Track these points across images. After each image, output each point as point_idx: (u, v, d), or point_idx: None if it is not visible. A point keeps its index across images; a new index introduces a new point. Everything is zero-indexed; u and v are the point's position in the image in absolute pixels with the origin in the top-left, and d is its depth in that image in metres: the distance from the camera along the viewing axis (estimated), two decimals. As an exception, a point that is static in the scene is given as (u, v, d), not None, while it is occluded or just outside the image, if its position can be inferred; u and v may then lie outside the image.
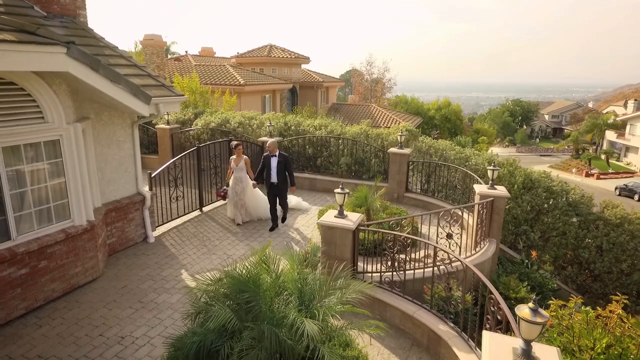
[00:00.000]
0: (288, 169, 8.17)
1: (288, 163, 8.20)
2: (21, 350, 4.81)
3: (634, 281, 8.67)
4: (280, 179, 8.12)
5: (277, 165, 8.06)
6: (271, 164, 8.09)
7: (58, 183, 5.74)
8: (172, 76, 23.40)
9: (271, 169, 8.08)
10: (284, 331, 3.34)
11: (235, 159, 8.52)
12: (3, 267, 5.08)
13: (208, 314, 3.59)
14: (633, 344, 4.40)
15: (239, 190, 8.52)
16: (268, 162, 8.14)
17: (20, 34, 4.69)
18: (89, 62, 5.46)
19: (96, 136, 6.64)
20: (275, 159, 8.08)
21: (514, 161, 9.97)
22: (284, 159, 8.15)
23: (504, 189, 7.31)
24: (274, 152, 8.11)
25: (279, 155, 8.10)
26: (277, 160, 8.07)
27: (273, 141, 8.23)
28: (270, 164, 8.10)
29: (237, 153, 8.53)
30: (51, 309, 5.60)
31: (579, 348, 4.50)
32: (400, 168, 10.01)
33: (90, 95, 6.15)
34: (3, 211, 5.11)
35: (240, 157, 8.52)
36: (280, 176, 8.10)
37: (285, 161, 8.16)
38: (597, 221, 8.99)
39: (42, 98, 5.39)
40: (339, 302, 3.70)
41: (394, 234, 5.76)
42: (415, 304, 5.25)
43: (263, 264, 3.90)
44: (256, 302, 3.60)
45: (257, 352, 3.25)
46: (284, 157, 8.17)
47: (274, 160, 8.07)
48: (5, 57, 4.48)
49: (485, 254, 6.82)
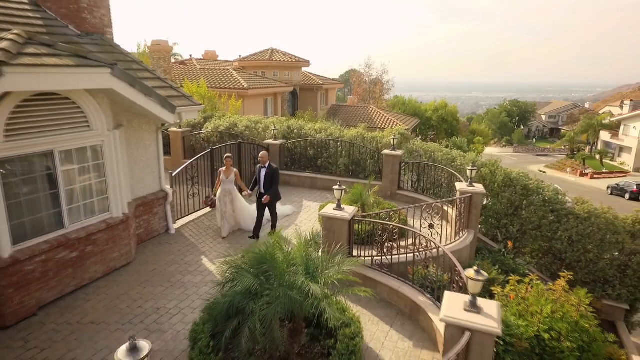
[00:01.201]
0: (273, 179, 8.37)
1: (275, 175, 8.38)
2: (76, 318, 5.88)
3: (600, 268, 9.70)
4: (268, 190, 8.35)
5: (265, 176, 8.32)
6: (261, 174, 8.38)
7: (100, 181, 6.80)
8: (177, 79, 24.45)
9: (260, 179, 8.38)
10: (294, 292, 4.40)
11: (225, 170, 8.61)
12: (59, 250, 6.14)
13: (235, 281, 4.66)
14: (573, 309, 5.47)
15: (227, 202, 8.64)
16: (259, 172, 8.44)
17: (76, 59, 5.75)
18: (128, 80, 6.52)
19: (128, 141, 7.69)
20: (264, 170, 8.36)
21: (495, 162, 11.02)
22: (272, 171, 8.35)
23: (481, 187, 8.39)
24: (264, 164, 8.39)
25: (267, 167, 8.35)
26: (266, 171, 8.33)
27: (264, 153, 8.58)
28: (260, 174, 8.40)
29: (227, 165, 8.64)
30: (95, 287, 6.67)
31: (531, 314, 5.57)
32: (393, 168, 11.07)
33: (125, 106, 7.19)
34: (59, 204, 6.17)
35: (230, 170, 8.64)
36: (267, 187, 8.34)
37: (272, 173, 8.36)
38: (569, 215, 10.03)
39: (88, 110, 6.45)
40: (337, 273, 4.75)
41: (383, 223, 6.83)
42: (400, 281, 6.32)
43: (277, 244, 4.96)
44: (272, 271, 4.66)
45: (274, 308, 4.31)
46: (272, 168, 8.37)
47: (264, 171, 8.34)
48: (66, 79, 5.57)
49: (464, 242, 7.89)
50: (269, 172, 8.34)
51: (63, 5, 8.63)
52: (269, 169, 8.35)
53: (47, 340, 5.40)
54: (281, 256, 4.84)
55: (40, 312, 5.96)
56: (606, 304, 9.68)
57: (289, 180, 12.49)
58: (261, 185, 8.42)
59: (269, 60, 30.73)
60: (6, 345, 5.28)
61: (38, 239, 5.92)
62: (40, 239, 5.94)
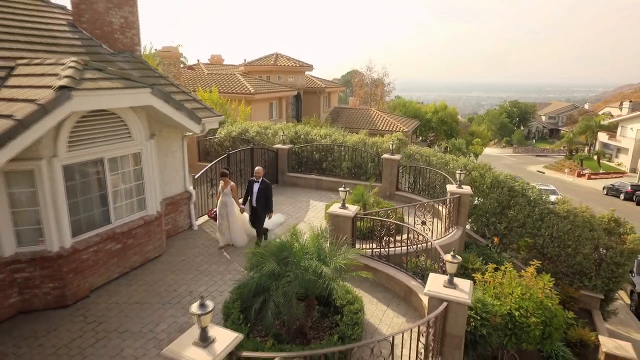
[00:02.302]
0: (267, 194, 8.57)
1: (268, 190, 8.59)
2: (123, 299, 7.00)
3: (577, 262, 10.78)
4: (260, 204, 8.58)
5: (259, 190, 8.54)
6: (253, 189, 8.62)
7: (138, 184, 7.92)
8: (187, 84, 25.55)
9: (253, 193, 8.61)
10: (309, 273, 5.50)
11: (223, 184, 8.92)
12: (107, 242, 7.26)
13: (261, 266, 5.76)
14: (539, 291, 6.56)
15: (223, 214, 8.85)
16: (251, 187, 8.67)
17: (124, 81, 6.87)
18: (164, 97, 7.64)
19: (159, 148, 8.78)
20: (257, 185, 8.59)
21: (484, 165, 12.10)
22: (265, 186, 8.57)
23: (468, 188, 9.48)
24: (258, 178, 8.64)
25: (261, 182, 8.59)
26: (259, 186, 8.57)
27: (259, 168, 8.85)
28: (252, 188, 8.64)
29: (224, 180, 8.89)
30: (134, 274, 7.79)
31: (505, 295, 6.67)
32: (391, 171, 12.17)
33: (158, 119, 8.29)
34: (107, 203, 7.29)
35: (227, 184, 8.87)
36: (260, 201, 8.56)
37: (266, 188, 8.57)
38: (550, 214, 11.12)
39: (130, 123, 7.56)
40: (343, 259, 5.85)
41: (382, 220, 7.93)
42: (396, 269, 7.42)
43: (294, 236, 6.06)
44: (290, 258, 5.76)
45: (293, 285, 5.40)
46: (265, 183, 8.60)
47: (256, 186, 8.58)
48: (117, 99, 6.70)
49: (453, 237, 8.98)
50: (263, 187, 8.55)
51: (98, 26, 9.76)
52: (262, 184, 8.58)
53: (102, 316, 6.52)
54: (297, 245, 5.95)
55: (92, 294, 7.08)
56: (583, 293, 10.78)
57: (296, 182, 13.60)
58: (254, 199, 8.58)
59: (274, 65, 31.84)
60: (69, 319, 6.40)
61: (91, 232, 7.05)
62: (92, 233, 7.06)
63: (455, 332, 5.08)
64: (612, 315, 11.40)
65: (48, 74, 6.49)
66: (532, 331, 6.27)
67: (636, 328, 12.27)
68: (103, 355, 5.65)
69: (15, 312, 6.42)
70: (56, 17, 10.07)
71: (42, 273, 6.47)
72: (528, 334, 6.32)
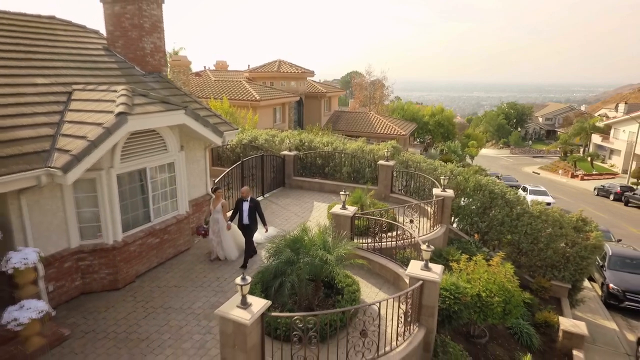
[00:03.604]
0: (258, 211, 9.13)
1: (257, 207, 9.14)
2: (163, 283, 8.53)
3: (548, 256, 12.25)
4: (251, 221, 9.06)
5: (249, 209, 9.04)
6: (243, 207, 9.06)
7: (172, 188, 9.44)
8: (195, 91, 27.05)
9: (243, 211, 9.04)
10: (316, 260, 7.02)
11: (214, 201, 9.40)
12: (148, 237, 8.79)
13: (278, 254, 7.28)
14: (502, 276, 8.08)
15: (216, 230, 9.31)
16: (240, 205, 9.10)
17: (163, 104, 8.39)
18: (194, 116, 9.16)
19: (186, 157, 10.30)
20: (247, 203, 9.05)
21: (468, 170, 13.60)
22: (255, 204, 9.11)
23: (451, 192, 11.01)
24: (246, 197, 9.12)
25: (250, 200, 9.09)
26: (249, 204, 9.06)
27: (246, 188, 9.47)
28: (242, 207, 9.07)
29: (216, 196, 9.41)
30: (169, 264, 9.32)
31: (474, 280, 8.19)
32: (386, 175, 13.68)
33: (188, 133, 9.79)
34: (148, 205, 8.82)
35: (218, 201, 9.35)
36: (250, 218, 9.03)
37: (255, 205, 9.11)
38: (525, 214, 12.62)
39: (166, 138, 9.08)
40: (343, 250, 7.36)
41: (376, 219, 9.45)
42: (387, 259, 8.94)
43: (304, 232, 7.58)
44: (302, 248, 7.28)
45: (304, 270, 6.92)
46: (254, 201, 9.16)
47: (246, 204, 9.04)
48: (159, 119, 8.23)
49: (437, 234, 10.51)
50: (252, 205, 9.09)
51: (131, 51, 11.28)
52: (251, 202, 9.12)
53: (148, 296, 8.05)
54: (307, 239, 7.49)
55: (137, 279, 8.61)
56: (554, 284, 12.29)
57: (301, 185, 15.13)
58: (245, 216, 9.03)
59: (277, 72, 33.37)
60: (122, 299, 7.93)
61: (136, 229, 8.57)
62: (137, 229, 8.59)
63: (429, 303, 6.62)
64: (579, 303, 12.88)
65: (104, 100, 8.01)
66: (495, 308, 7.80)
67: (603, 316, 13.79)
68: (154, 325, 7.18)
69: (79, 293, 7.94)
70: (93, 41, 11.59)
71: (99, 261, 8.00)
72: (492, 310, 7.85)
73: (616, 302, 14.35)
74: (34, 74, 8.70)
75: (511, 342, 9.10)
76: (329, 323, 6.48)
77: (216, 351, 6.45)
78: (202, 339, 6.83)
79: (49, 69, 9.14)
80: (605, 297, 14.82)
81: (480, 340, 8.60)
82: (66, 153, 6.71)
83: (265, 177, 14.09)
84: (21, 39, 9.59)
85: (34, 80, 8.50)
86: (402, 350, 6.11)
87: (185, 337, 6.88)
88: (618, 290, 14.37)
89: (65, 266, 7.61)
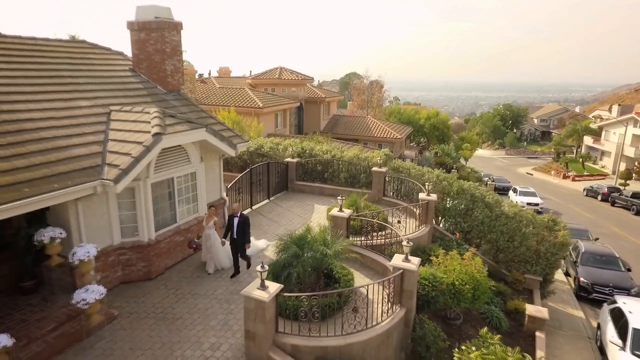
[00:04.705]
0: (245, 227, 9.83)
1: (246, 223, 9.86)
2: (188, 274, 10.11)
3: (522, 252, 13.84)
4: (240, 236, 9.81)
5: (238, 224, 9.77)
6: (233, 222, 9.84)
7: (193, 194, 11.03)
8: (201, 98, 28.57)
9: (233, 227, 9.81)
10: (317, 254, 8.61)
11: (207, 218, 10.11)
12: (175, 236, 10.37)
13: (286, 249, 8.87)
14: (472, 268, 9.68)
15: (208, 245, 10.07)
16: (231, 221, 9.87)
17: (188, 124, 9.97)
18: (213, 133, 10.75)
19: (205, 167, 11.88)
20: (236, 219, 9.80)
21: (451, 176, 15.20)
22: (244, 219, 9.86)
23: (435, 196, 12.62)
24: (236, 214, 9.90)
25: (240, 216, 9.86)
26: (239, 220, 9.81)
27: (236, 205, 10.36)
28: (232, 222, 9.87)
29: (209, 214, 10.15)
30: (191, 259, 10.88)
31: (450, 271, 9.78)
32: (379, 180, 15.27)
33: (206, 146, 11.34)
34: (174, 208, 10.41)
35: (211, 218, 10.04)
36: (239, 233, 9.79)
37: (244, 221, 9.85)
38: (502, 215, 14.22)
39: (189, 151, 10.66)
40: (340, 245, 8.95)
41: (368, 220, 11.05)
42: (378, 254, 10.52)
43: (307, 231, 9.17)
44: (306, 244, 8.87)
45: (307, 262, 8.50)
46: (244, 217, 9.90)
47: (236, 220, 9.81)
48: (185, 137, 9.81)
49: (423, 232, 12.11)
50: (241, 220, 9.84)
51: (154, 72, 12.85)
52: (241, 218, 9.87)
53: (176, 284, 9.63)
54: (310, 237, 9.08)
55: (166, 271, 10.19)
56: (527, 277, 13.90)
57: (303, 189, 16.72)
58: (234, 231, 9.77)
59: (279, 79, 34.97)
60: (155, 287, 9.51)
61: (165, 228, 10.16)
62: (167, 229, 10.18)
63: (408, 288, 8.22)
64: (550, 294, 14.49)
65: (140, 121, 9.59)
66: (466, 294, 9.40)
67: (573, 306, 15.40)
68: (184, 307, 8.77)
69: (119, 282, 9.52)
70: (120, 63, 13.15)
71: (137, 256, 9.58)
72: (464, 296, 9.44)
73: (586, 294, 15.98)
74: (78, 97, 10.28)
75: (483, 325, 10.67)
76: (328, 305, 8.07)
77: (237, 327, 8.04)
78: (225, 318, 8.42)
79: (88, 92, 10.70)
80: (576, 290, 16.44)
81: (455, 322, 10.20)
82: (115, 167, 8.30)
83: (270, 182, 15.68)
84: (64, 64, 11.19)
85: (79, 103, 10.08)
86: (386, 324, 7.70)
87: (211, 316, 8.47)
88: (587, 283, 16.00)
89: (109, 260, 9.20)
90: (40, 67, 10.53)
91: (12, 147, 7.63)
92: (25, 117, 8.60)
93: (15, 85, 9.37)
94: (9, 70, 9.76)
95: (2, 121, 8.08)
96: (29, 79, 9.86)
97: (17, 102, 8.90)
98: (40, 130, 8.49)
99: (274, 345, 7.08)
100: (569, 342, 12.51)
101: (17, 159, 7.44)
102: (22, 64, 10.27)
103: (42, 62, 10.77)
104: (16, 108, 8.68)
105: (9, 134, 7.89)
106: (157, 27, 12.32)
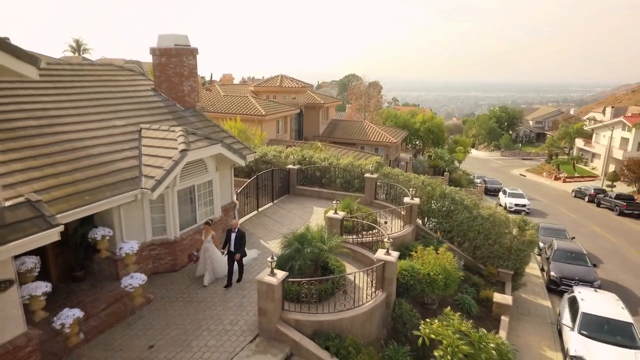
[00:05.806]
0: (241, 241, 10.77)
1: (242, 237, 10.84)
2: (206, 267, 12.02)
3: (496, 249, 15.74)
4: (236, 248, 10.76)
5: (236, 238, 10.74)
6: (231, 237, 10.82)
7: (210, 199, 12.94)
8: (206, 104, 30.41)
9: (231, 240, 10.79)
10: (315, 250, 10.52)
11: (205, 233, 10.95)
12: (195, 234, 12.26)
13: (289, 245, 10.78)
14: (445, 261, 11.60)
15: (207, 257, 10.96)
16: (229, 235, 10.85)
17: (206, 140, 11.89)
18: (227, 147, 12.66)
19: (219, 175, 13.78)
20: (234, 234, 10.77)
21: (435, 181, 17.12)
22: (240, 234, 10.81)
23: (418, 200, 14.54)
24: (234, 229, 10.84)
25: (237, 231, 10.80)
26: (236, 235, 10.76)
27: (235, 221, 11.35)
28: (230, 237, 10.84)
29: (206, 229, 10.97)
30: (209, 254, 12.80)
31: (426, 263, 11.69)
32: (371, 185, 17.19)
33: (221, 158, 13.25)
34: (195, 211, 12.32)
35: (209, 233, 10.92)
36: (237, 246, 10.74)
37: (241, 236, 10.82)
38: (478, 216, 16.12)
39: (207, 163, 12.56)
40: (335, 242, 10.85)
41: (360, 221, 12.97)
42: (367, 250, 12.43)
43: (307, 230, 11.08)
44: (306, 241, 10.78)
45: (307, 256, 10.41)
46: (240, 232, 10.86)
47: (234, 235, 10.77)
48: (205, 152, 11.72)
49: (407, 231, 14.03)
50: (238, 235, 10.80)
51: (173, 92, 14.77)
52: (238, 233, 10.81)
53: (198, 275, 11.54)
54: (309, 235, 10.99)
55: (188, 264, 12.09)
56: (500, 271, 15.82)
57: (303, 193, 18.64)
58: (231, 244, 10.80)
59: (280, 86, 36.88)
60: (180, 277, 11.42)
61: (188, 228, 12.08)
62: (188, 228, 12.09)
63: (389, 276, 10.14)
64: (522, 286, 16.40)
65: (168, 138, 11.49)
66: (439, 283, 11.31)
67: (543, 297, 17.31)
68: (205, 293, 10.68)
69: (150, 273, 11.41)
70: (143, 84, 15.07)
71: (165, 251, 11.50)
72: (437, 284, 11.35)
73: (555, 287, 17.91)
74: (113, 117, 12.18)
75: (456, 310, 12.56)
76: (324, 290, 9.96)
77: (250, 308, 9.95)
78: (240, 301, 10.34)
79: (121, 112, 12.60)
80: (547, 283, 18.37)
81: (431, 307, 12.11)
82: (151, 178, 10.21)
83: (274, 187, 17.59)
84: (98, 87, 13.09)
85: (115, 122, 11.99)
86: (370, 304, 9.61)
87: (229, 300, 10.39)
88: (557, 277, 17.93)
89: (143, 254, 11.10)
90: (80, 91, 12.43)
91: (71, 163, 9.54)
92: (76, 137, 10.51)
93: (64, 109, 11.27)
94: (57, 95, 11.67)
95: (60, 141, 9.99)
96: (73, 102, 11.76)
97: (68, 124, 10.81)
98: (88, 148, 10.39)
99: (281, 320, 8.99)
100: (534, 326, 14.43)
101: (76, 172, 9.36)
102: (66, 89, 12.17)
103: (82, 86, 12.67)
104: (68, 129, 10.60)
105: (67, 152, 9.80)
106: (176, 53, 14.24)
